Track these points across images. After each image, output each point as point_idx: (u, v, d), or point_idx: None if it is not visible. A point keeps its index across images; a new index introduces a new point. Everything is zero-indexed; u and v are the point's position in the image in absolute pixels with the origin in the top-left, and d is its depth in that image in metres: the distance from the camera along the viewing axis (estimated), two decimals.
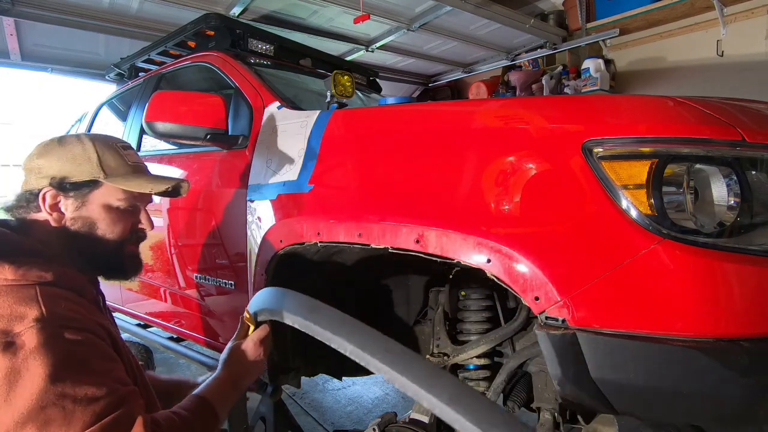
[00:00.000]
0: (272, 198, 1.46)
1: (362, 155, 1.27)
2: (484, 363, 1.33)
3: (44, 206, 0.94)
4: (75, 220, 0.96)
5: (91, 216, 0.96)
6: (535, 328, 0.94)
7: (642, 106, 0.96)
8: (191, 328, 2.03)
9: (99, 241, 0.97)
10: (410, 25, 3.47)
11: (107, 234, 0.97)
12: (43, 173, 0.95)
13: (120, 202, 0.98)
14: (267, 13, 3.15)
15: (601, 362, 0.87)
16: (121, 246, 1.00)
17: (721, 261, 0.83)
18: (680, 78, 3.43)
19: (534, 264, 0.92)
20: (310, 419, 2.47)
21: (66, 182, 0.95)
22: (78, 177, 0.95)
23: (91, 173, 0.96)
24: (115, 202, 0.98)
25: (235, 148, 1.69)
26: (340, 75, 1.57)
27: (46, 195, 0.94)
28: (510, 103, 1.13)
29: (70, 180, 0.95)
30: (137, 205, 1.02)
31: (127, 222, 1.01)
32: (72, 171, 0.95)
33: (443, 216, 1.04)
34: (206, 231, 1.82)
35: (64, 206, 0.96)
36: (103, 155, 0.98)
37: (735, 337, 0.82)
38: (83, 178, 0.96)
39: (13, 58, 3.29)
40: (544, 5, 4.07)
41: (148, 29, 3.12)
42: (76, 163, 0.96)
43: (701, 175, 0.89)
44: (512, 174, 0.97)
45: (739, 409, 0.84)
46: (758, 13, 3.05)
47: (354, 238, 1.20)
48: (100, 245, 0.97)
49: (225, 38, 2.13)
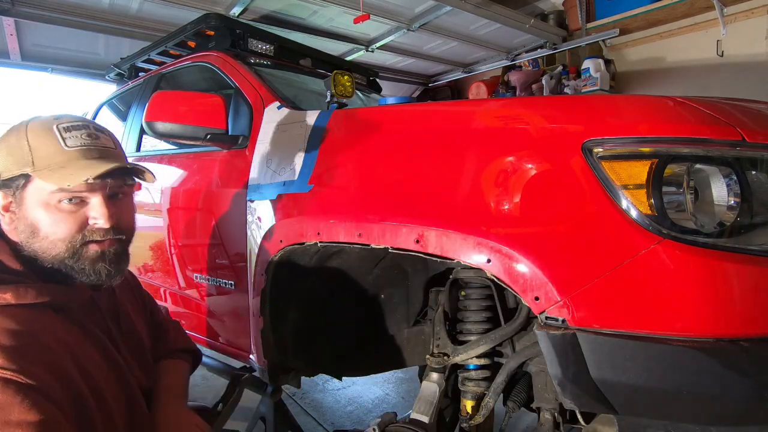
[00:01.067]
0: (272, 198, 1.46)
1: (362, 155, 1.27)
2: (484, 363, 1.33)
3: None
4: (18, 221, 0.81)
5: (28, 217, 0.80)
6: (535, 328, 0.94)
7: (642, 106, 0.96)
8: (191, 328, 2.03)
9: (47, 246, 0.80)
10: (410, 25, 3.47)
11: (51, 236, 0.80)
12: None
13: (58, 196, 0.80)
14: (267, 13, 3.15)
15: (601, 362, 0.87)
16: (76, 248, 0.82)
17: (721, 261, 0.83)
18: (680, 78, 3.43)
19: (534, 264, 0.92)
20: (310, 419, 2.47)
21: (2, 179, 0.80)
22: (8, 171, 0.80)
23: (20, 166, 0.79)
24: (53, 199, 0.80)
25: (235, 148, 1.69)
26: (340, 75, 1.57)
27: None
28: (510, 103, 1.13)
29: (3, 176, 0.80)
30: (84, 196, 0.82)
31: (74, 219, 0.82)
32: (6, 164, 0.80)
33: (443, 216, 1.04)
34: (206, 231, 1.82)
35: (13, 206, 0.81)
36: (35, 142, 0.80)
37: (735, 337, 0.82)
38: (13, 173, 0.79)
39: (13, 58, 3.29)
40: (544, 5, 4.07)
41: (148, 29, 3.12)
42: (10, 154, 0.80)
43: (701, 175, 0.89)
44: (512, 174, 0.97)
45: (739, 409, 0.84)
46: (758, 13, 3.05)
47: (354, 238, 1.20)
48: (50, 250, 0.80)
49: (225, 38, 2.13)
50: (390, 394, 2.75)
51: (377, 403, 2.64)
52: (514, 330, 1.24)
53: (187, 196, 1.91)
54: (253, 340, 1.60)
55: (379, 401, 2.67)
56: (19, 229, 0.81)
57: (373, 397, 2.72)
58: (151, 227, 2.13)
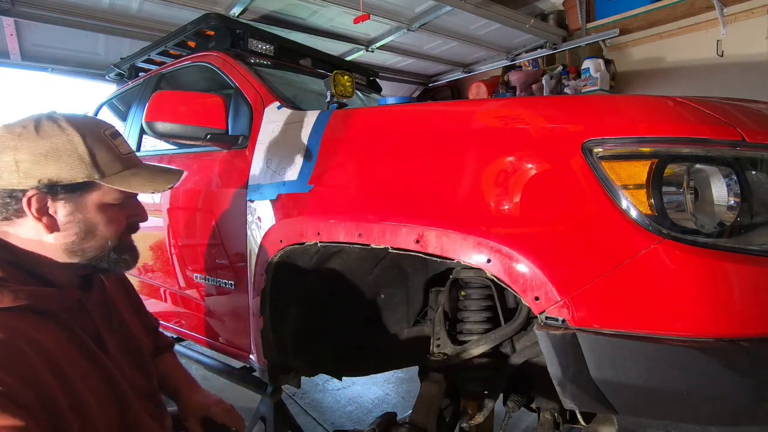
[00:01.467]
0: (272, 198, 1.46)
1: (362, 155, 1.27)
2: (484, 363, 1.33)
3: (30, 211, 0.82)
4: (69, 225, 0.85)
5: (87, 219, 0.87)
6: (535, 328, 0.94)
7: (642, 106, 0.96)
8: (191, 328, 2.03)
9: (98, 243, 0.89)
10: (410, 25, 3.47)
11: (106, 234, 0.89)
12: (24, 171, 0.80)
13: (117, 200, 0.90)
14: (267, 13, 3.15)
15: (601, 362, 0.87)
16: (119, 241, 0.92)
17: (721, 261, 0.83)
18: (680, 78, 3.43)
19: (534, 264, 0.92)
20: (310, 419, 2.47)
21: (57, 185, 0.83)
22: (70, 179, 0.83)
23: (85, 174, 0.84)
24: (111, 201, 0.89)
25: (235, 148, 1.69)
26: (340, 75, 1.57)
27: (32, 199, 0.82)
28: (510, 103, 1.13)
29: (62, 183, 0.83)
30: (131, 198, 0.95)
31: (123, 217, 0.93)
32: (62, 172, 0.83)
33: (443, 216, 1.04)
34: (206, 231, 1.82)
35: (53, 209, 0.84)
36: (94, 150, 0.86)
37: (735, 337, 0.82)
38: (77, 180, 0.84)
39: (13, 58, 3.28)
40: (544, 5, 4.07)
41: (148, 29, 3.12)
42: (65, 161, 0.83)
43: (701, 175, 0.89)
44: (512, 174, 0.97)
45: (739, 409, 0.84)
46: (758, 13, 3.05)
47: (354, 238, 1.20)
48: (100, 246, 0.89)
49: (225, 38, 2.13)
50: (390, 394, 2.75)
51: (377, 403, 2.64)
52: (514, 330, 1.24)
53: (187, 196, 1.92)
54: (253, 340, 1.60)
55: (379, 401, 2.67)
56: (70, 231, 0.86)
57: (373, 397, 2.72)
58: (151, 227, 2.13)
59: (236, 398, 2.56)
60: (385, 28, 3.60)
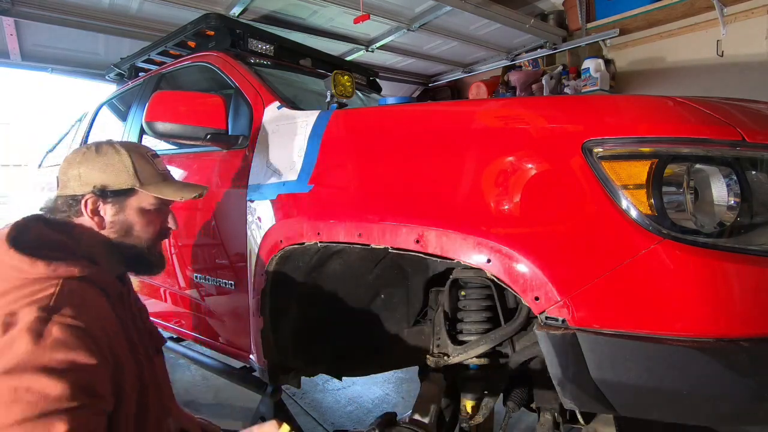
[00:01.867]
0: (272, 198, 1.46)
1: (362, 155, 1.27)
2: (484, 363, 1.33)
3: (86, 211, 1.05)
4: (114, 223, 1.07)
5: (127, 219, 1.09)
6: (535, 328, 0.94)
7: (642, 106, 0.96)
8: (191, 328, 2.03)
9: (135, 241, 1.09)
10: (410, 25, 3.47)
11: (142, 234, 1.10)
12: (84, 180, 1.05)
13: (152, 206, 1.11)
14: (267, 13, 3.15)
15: (601, 362, 0.87)
16: (152, 244, 1.13)
17: (721, 261, 0.83)
18: (680, 78, 3.43)
19: (534, 264, 0.92)
20: (310, 419, 2.47)
21: (107, 190, 1.06)
22: (116, 185, 1.07)
23: (128, 182, 1.08)
24: (148, 206, 1.10)
25: (235, 148, 1.69)
26: (340, 75, 1.57)
27: (87, 201, 1.05)
28: (510, 103, 1.13)
29: (110, 188, 1.06)
30: (165, 207, 1.16)
31: (157, 222, 1.14)
32: (111, 180, 1.06)
33: (443, 216, 1.04)
34: (206, 231, 1.82)
35: (103, 211, 1.07)
36: (137, 164, 1.10)
37: (735, 337, 0.82)
38: (122, 187, 1.07)
39: (13, 58, 3.29)
40: (544, 5, 4.07)
41: (148, 29, 3.12)
42: (114, 172, 1.07)
43: (701, 175, 0.89)
44: (512, 174, 0.97)
45: (739, 409, 0.84)
46: (758, 13, 3.05)
47: (354, 238, 1.20)
48: (136, 245, 1.09)
49: (225, 38, 2.13)
50: (390, 394, 2.75)
51: (377, 403, 2.64)
52: (514, 330, 1.24)
53: None
54: (253, 340, 1.60)
55: (379, 401, 2.67)
56: (114, 229, 1.08)
57: (373, 397, 2.72)
58: None
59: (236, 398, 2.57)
60: (385, 28, 3.60)
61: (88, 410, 0.81)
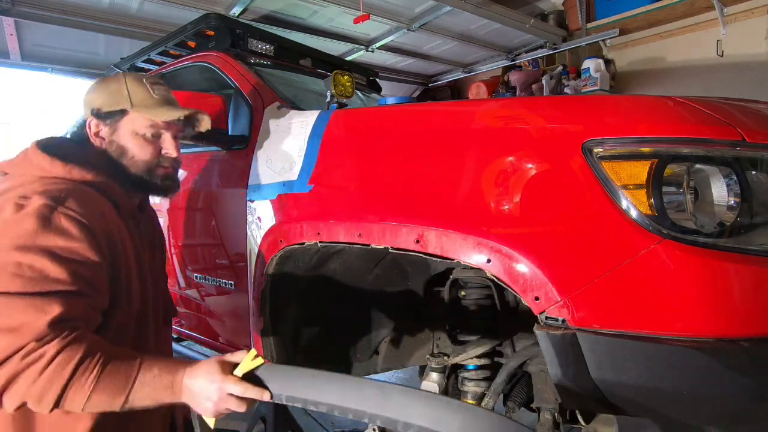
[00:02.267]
0: (272, 198, 1.46)
1: (362, 155, 1.27)
2: (484, 363, 1.33)
3: (90, 133, 1.13)
4: (111, 143, 1.13)
5: (121, 141, 1.13)
6: (535, 328, 0.94)
7: (642, 106, 0.96)
8: (191, 328, 2.03)
9: (131, 163, 1.12)
10: (410, 25, 3.47)
11: (137, 157, 1.12)
12: (88, 104, 1.15)
13: (146, 129, 1.12)
14: (267, 13, 3.15)
15: (601, 362, 0.87)
16: (151, 168, 1.14)
17: (721, 261, 0.83)
18: (680, 78, 3.42)
19: (534, 264, 0.92)
20: (310, 419, 2.47)
21: (102, 111, 1.12)
22: (109, 107, 1.12)
23: (120, 104, 1.12)
24: (141, 129, 1.12)
25: (235, 148, 1.69)
26: (340, 75, 1.57)
27: (91, 123, 1.13)
28: (510, 103, 1.13)
29: (104, 110, 1.12)
30: (162, 132, 1.16)
31: (153, 147, 1.14)
32: (106, 102, 1.13)
33: (443, 216, 1.04)
34: (206, 231, 1.82)
35: (102, 132, 1.13)
36: (131, 88, 1.14)
37: (735, 337, 0.82)
38: (113, 108, 1.13)
39: (13, 58, 3.28)
40: (544, 5, 4.07)
41: (148, 29, 3.11)
42: (111, 96, 1.13)
43: (701, 175, 0.89)
44: (512, 174, 0.97)
45: (739, 409, 0.84)
46: (758, 13, 3.05)
47: (354, 238, 1.20)
48: (132, 166, 1.13)
49: (225, 38, 2.13)
50: None
51: None
52: (514, 330, 1.24)
53: (187, 196, 1.91)
54: (253, 340, 1.60)
55: None
56: (111, 149, 1.12)
57: None
58: None
59: None
60: (385, 28, 3.59)
61: (84, 300, 0.87)
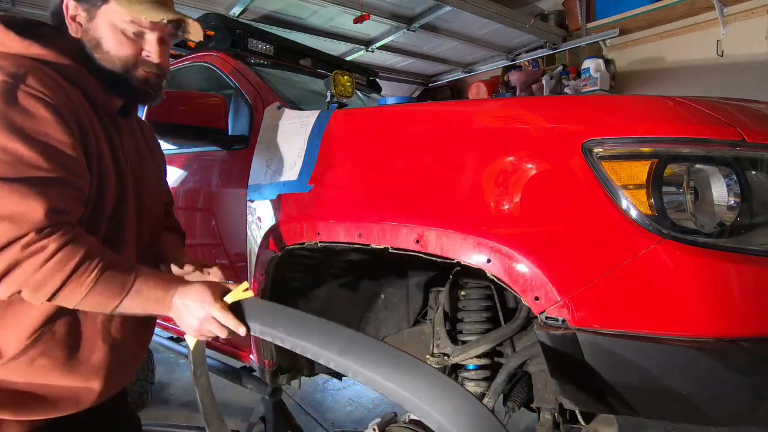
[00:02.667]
0: (272, 198, 1.46)
1: (362, 155, 1.27)
2: (484, 363, 1.33)
3: (67, 15, 1.00)
4: (86, 32, 1.00)
5: (97, 32, 1.00)
6: (535, 328, 0.94)
7: (642, 106, 0.96)
8: None
9: (105, 57, 1.00)
10: (410, 25, 3.47)
11: (111, 52, 1.00)
12: None
13: (125, 24, 0.99)
14: (267, 13, 3.15)
15: (601, 362, 0.87)
16: (128, 67, 1.02)
17: (721, 261, 0.83)
18: (680, 78, 3.43)
19: (534, 264, 0.92)
20: (310, 419, 2.47)
21: None
22: None
23: None
24: (120, 24, 0.99)
25: (235, 148, 1.69)
26: (340, 75, 1.57)
27: (68, 4, 1.00)
28: (510, 103, 1.13)
29: None
30: (144, 32, 1.02)
31: (133, 46, 1.02)
32: None
33: (443, 216, 1.04)
34: (206, 231, 1.82)
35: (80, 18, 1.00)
36: None
37: (735, 337, 0.82)
38: None
39: None
40: (544, 5, 4.08)
41: None
42: None
43: (701, 175, 0.89)
44: (512, 174, 0.97)
45: (739, 409, 0.84)
46: (758, 13, 3.05)
47: (354, 238, 1.20)
48: (106, 61, 1.00)
49: (225, 38, 2.13)
50: None
51: (377, 403, 2.64)
52: (514, 330, 1.24)
53: (187, 196, 1.91)
54: (253, 340, 1.60)
55: (379, 401, 2.67)
56: (86, 38, 1.00)
57: (373, 397, 2.72)
58: None
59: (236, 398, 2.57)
60: (385, 28, 3.60)
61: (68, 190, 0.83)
